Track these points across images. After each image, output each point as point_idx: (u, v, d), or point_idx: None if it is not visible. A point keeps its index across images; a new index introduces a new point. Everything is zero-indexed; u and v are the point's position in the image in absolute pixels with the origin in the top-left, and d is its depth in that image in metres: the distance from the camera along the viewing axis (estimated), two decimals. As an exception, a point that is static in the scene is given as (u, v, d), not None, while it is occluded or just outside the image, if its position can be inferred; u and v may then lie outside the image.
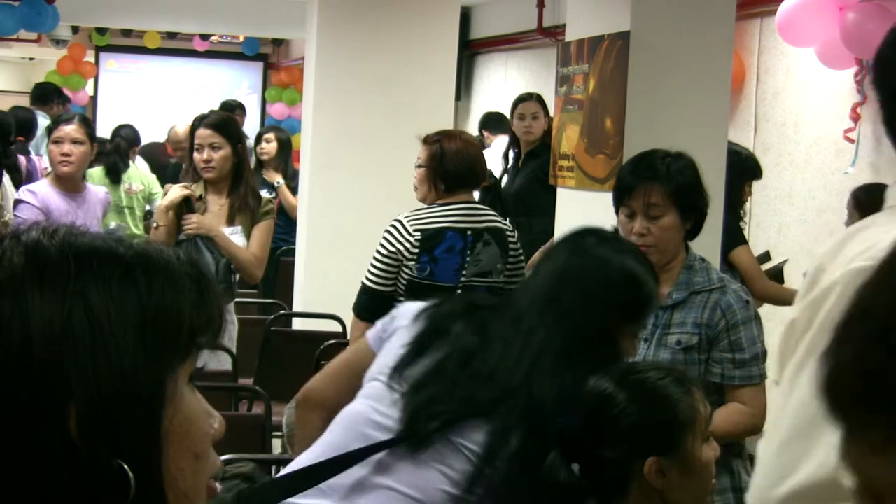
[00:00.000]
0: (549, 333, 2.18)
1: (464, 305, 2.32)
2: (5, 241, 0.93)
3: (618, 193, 3.06)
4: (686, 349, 2.96)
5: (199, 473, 0.97)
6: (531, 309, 2.22)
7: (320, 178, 6.39)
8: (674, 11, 4.15)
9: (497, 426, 2.11)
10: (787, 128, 6.13)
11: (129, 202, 6.94)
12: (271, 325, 5.37)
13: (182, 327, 0.95)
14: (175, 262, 0.97)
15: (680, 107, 4.14)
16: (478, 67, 10.65)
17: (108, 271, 0.93)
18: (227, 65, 14.79)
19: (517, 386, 2.13)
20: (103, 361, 0.89)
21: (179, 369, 0.95)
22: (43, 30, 10.23)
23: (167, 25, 12.82)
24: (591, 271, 2.24)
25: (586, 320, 2.19)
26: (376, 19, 6.42)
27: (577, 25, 4.50)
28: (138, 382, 0.91)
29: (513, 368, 2.15)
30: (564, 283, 2.24)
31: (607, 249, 2.30)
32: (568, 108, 4.51)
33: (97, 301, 0.91)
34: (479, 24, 10.24)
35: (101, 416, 0.89)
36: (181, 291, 0.96)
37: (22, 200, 5.17)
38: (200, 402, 0.99)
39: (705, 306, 2.98)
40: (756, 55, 6.40)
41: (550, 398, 2.10)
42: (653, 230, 2.97)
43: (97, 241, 0.95)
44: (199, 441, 0.97)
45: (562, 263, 2.28)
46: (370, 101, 6.31)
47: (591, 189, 4.27)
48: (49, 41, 13.31)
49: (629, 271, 2.27)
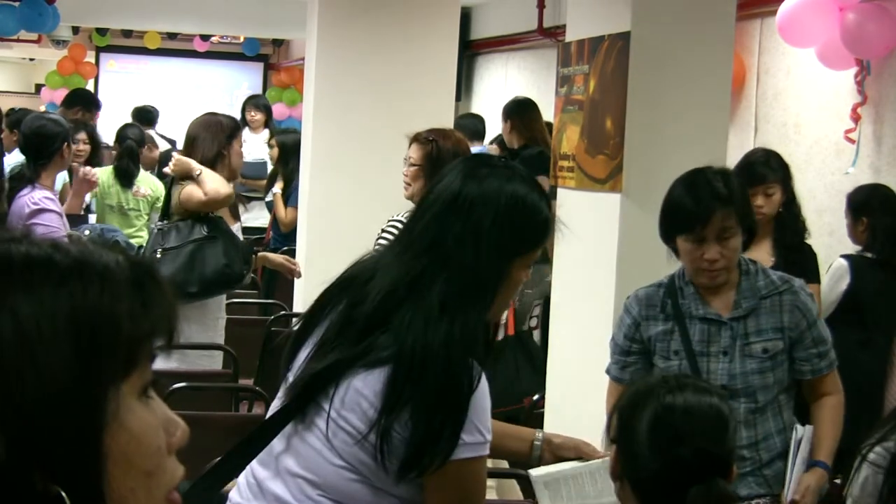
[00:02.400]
0: (432, 271, 2.08)
1: (357, 268, 2.23)
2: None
3: (684, 223, 2.96)
4: (773, 356, 3.02)
5: (153, 490, 0.91)
6: (415, 246, 2.13)
7: (320, 179, 6.39)
8: (674, 12, 4.14)
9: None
10: (788, 128, 6.13)
11: (135, 205, 6.89)
12: (271, 325, 5.37)
13: (120, 339, 0.88)
14: (115, 267, 0.91)
15: (680, 107, 4.14)
16: (478, 68, 10.65)
17: (41, 280, 0.87)
18: (227, 65, 14.79)
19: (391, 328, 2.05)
20: (32, 380, 0.83)
21: (123, 384, 0.89)
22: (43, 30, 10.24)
23: (167, 26, 12.83)
24: (481, 204, 2.11)
25: (476, 255, 2.08)
26: (376, 20, 6.42)
27: (578, 26, 4.50)
28: (72, 402, 0.85)
29: (384, 310, 2.07)
30: (454, 216, 2.11)
31: (497, 179, 2.15)
32: (568, 108, 4.50)
33: (27, 313, 0.85)
34: (480, 25, 10.24)
35: (33, 440, 0.83)
36: (118, 298, 0.89)
37: (45, 209, 4.85)
38: (155, 414, 0.93)
39: (782, 310, 3.02)
40: (756, 55, 6.39)
41: (430, 340, 2.02)
42: (725, 253, 2.94)
43: (33, 248, 0.90)
44: (151, 458, 0.91)
45: (450, 196, 2.14)
46: (370, 102, 6.31)
47: (591, 189, 4.27)
48: (49, 42, 13.31)
49: (521, 199, 2.14)
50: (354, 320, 2.10)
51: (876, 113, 5.51)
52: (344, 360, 2.06)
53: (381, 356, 2.04)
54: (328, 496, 2.09)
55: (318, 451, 2.09)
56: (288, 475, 2.12)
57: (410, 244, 2.15)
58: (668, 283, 3.09)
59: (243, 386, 4.66)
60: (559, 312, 4.54)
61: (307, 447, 2.11)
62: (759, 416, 3.05)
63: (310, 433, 2.10)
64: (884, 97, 5.46)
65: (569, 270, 4.44)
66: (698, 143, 4.14)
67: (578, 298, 4.34)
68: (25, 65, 19.14)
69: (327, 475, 2.09)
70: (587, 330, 4.17)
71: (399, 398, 2.01)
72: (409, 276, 2.09)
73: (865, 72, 5.51)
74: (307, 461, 2.11)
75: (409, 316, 2.05)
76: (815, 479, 3.07)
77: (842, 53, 5.41)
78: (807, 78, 5.98)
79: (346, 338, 2.09)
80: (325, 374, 2.08)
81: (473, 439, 2.02)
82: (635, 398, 2.06)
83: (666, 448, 1.97)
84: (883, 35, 5.25)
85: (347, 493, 2.08)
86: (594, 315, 4.15)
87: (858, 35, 5.23)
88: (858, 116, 5.52)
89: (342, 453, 2.07)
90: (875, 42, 5.27)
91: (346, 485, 2.07)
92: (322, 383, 2.08)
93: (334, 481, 2.08)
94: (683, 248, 2.97)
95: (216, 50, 14.37)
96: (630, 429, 2.03)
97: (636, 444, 2.01)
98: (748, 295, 3.01)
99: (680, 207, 2.99)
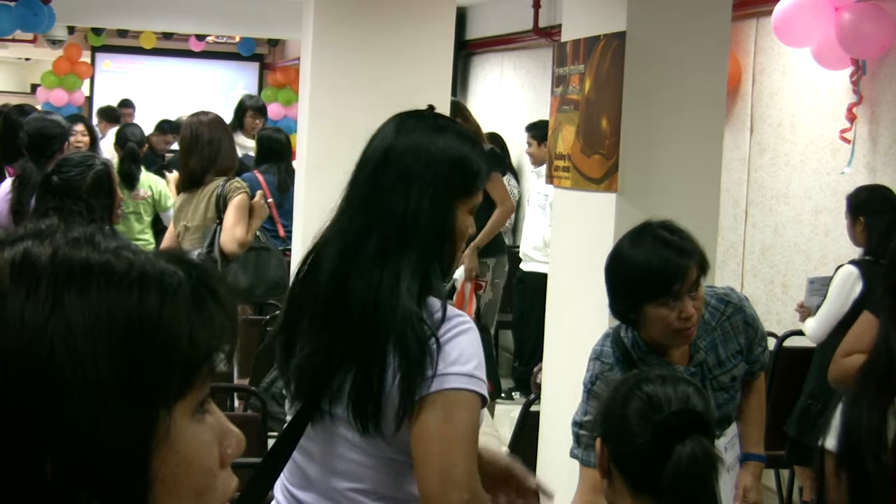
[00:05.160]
0: (368, 225, 2.11)
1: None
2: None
3: (661, 286, 2.71)
4: (736, 377, 2.97)
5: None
6: (353, 205, 2.17)
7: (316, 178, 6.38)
8: (670, 12, 4.15)
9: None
10: (784, 128, 6.13)
11: (135, 208, 6.85)
12: (267, 325, 5.37)
13: (176, 359, 0.84)
14: (175, 280, 0.86)
15: (676, 107, 4.14)
16: (474, 68, 10.65)
17: (98, 289, 0.83)
18: (223, 65, 14.79)
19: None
20: (80, 396, 0.80)
21: (176, 406, 0.85)
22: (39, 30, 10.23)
23: (163, 26, 12.82)
24: (411, 153, 2.14)
25: (407, 201, 2.10)
26: (372, 19, 6.42)
27: (574, 26, 4.50)
28: (122, 422, 0.81)
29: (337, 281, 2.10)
30: (385, 169, 2.15)
31: (425, 130, 2.19)
32: (564, 108, 4.50)
33: (80, 323, 0.81)
34: (476, 25, 10.24)
35: (79, 460, 0.80)
36: (177, 316, 0.85)
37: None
38: (209, 431, 0.89)
39: (735, 332, 2.94)
40: (752, 55, 6.40)
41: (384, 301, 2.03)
42: (697, 306, 2.74)
43: (94, 254, 0.85)
44: (201, 478, 0.88)
45: (381, 151, 2.18)
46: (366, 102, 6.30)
47: (586, 189, 4.27)
48: (45, 41, 13.31)
49: (450, 145, 2.17)
50: (319, 307, 2.12)
51: (871, 112, 5.51)
52: (325, 352, 2.08)
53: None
54: (383, 496, 2.09)
55: (352, 458, 2.09)
56: (337, 493, 2.11)
57: (349, 204, 2.19)
58: (621, 358, 2.85)
59: (239, 386, 4.66)
60: (554, 311, 4.54)
61: (341, 459, 2.11)
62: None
63: (335, 440, 2.11)
64: (879, 97, 5.47)
65: (564, 270, 4.45)
66: (694, 143, 4.14)
67: (574, 298, 4.35)
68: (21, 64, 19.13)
69: (373, 476, 2.08)
70: (583, 329, 4.17)
71: (354, 353, 2.04)
72: (351, 238, 2.12)
73: (861, 71, 5.51)
74: (347, 472, 2.10)
75: (358, 282, 2.07)
76: (752, 474, 3.08)
77: (837, 53, 5.41)
78: (802, 77, 5.99)
79: (318, 328, 2.10)
80: (320, 372, 2.08)
81: (446, 371, 2.00)
82: (614, 394, 2.16)
83: (650, 415, 2.06)
84: (878, 35, 5.26)
85: (394, 483, 2.07)
86: (590, 315, 4.15)
87: (854, 35, 5.24)
88: (854, 116, 5.52)
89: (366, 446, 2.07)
90: (871, 42, 5.28)
91: (389, 477, 2.07)
92: (320, 383, 2.09)
93: (381, 479, 2.08)
94: (654, 314, 2.72)
95: (212, 50, 14.38)
96: (614, 416, 2.13)
97: (622, 425, 2.10)
98: (701, 333, 2.87)
99: (648, 272, 2.71)
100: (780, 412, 4.78)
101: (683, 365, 2.86)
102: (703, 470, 2.07)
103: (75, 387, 0.80)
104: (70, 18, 11.96)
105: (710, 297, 2.92)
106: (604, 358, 2.87)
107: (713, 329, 2.92)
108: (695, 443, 2.06)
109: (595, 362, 2.89)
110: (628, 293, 2.76)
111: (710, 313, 2.91)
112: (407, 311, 2.01)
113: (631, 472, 2.12)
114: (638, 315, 2.75)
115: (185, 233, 5.18)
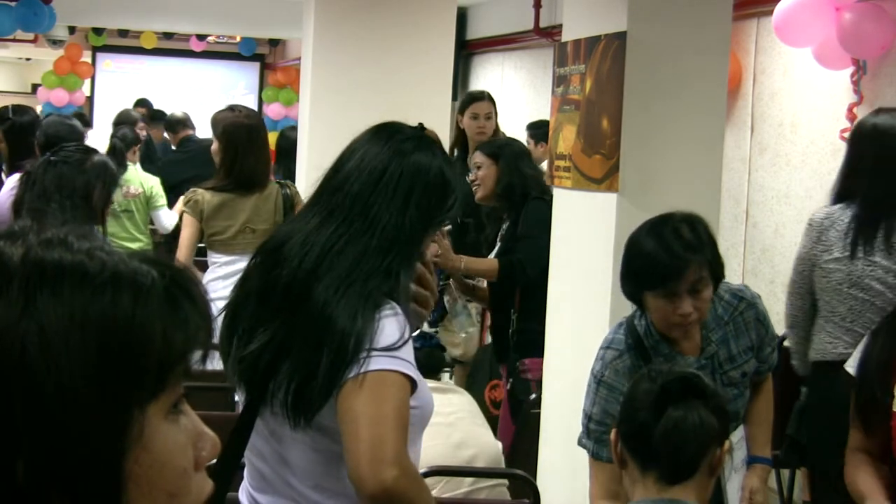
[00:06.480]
0: (354, 230, 2.13)
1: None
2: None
3: (657, 279, 2.74)
4: (747, 373, 2.98)
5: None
6: (342, 211, 2.18)
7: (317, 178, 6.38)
8: (670, 12, 4.14)
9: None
10: (784, 128, 6.13)
11: (126, 206, 6.81)
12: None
13: (150, 359, 0.84)
14: (148, 281, 0.86)
15: (677, 107, 4.14)
16: (474, 67, 10.65)
17: (71, 290, 0.82)
18: (223, 65, 14.79)
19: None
20: (53, 396, 0.79)
21: (149, 406, 0.85)
22: (40, 30, 10.23)
23: (164, 26, 12.82)
24: (411, 176, 2.19)
25: (399, 225, 2.14)
26: (373, 19, 6.42)
27: (574, 26, 4.50)
28: (95, 423, 0.81)
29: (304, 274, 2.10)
30: (383, 187, 2.18)
31: (425, 153, 2.25)
32: (564, 108, 4.50)
33: (53, 324, 0.80)
34: (476, 24, 10.24)
35: (51, 460, 0.80)
36: (151, 316, 0.84)
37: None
38: (183, 432, 0.89)
39: (747, 328, 2.95)
40: (753, 55, 6.40)
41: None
42: (698, 305, 2.75)
43: (66, 255, 0.84)
44: (175, 479, 0.87)
45: (380, 166, 2.21)
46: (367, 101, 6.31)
47: (587, 189, 4.27)
48: (46, 41, 13.30)
49: (444, 175, 2.22)
50: (273, 295, 2.11)
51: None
52: (270, 345, 2.07)
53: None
54: (335, 493, 2.08)
55: (301, 455, 2.09)
56: (294, 492, 2.10)
57: (336, 209, 2.19)
58: (633, 345, 2.87)
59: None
60: (555, 312, 4.54)
61: (290, 456, 2.10)
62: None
63: (282, 438, 2.10)
64: (880, 97, 5.46)
65: (565, 270, 4.44)
66: (695, 143, 4.14)
67: (574, 298, 4.34)
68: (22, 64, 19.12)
69: (322, 472, 2.08)
70: (583, 329, 4.17)
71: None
72: (322, 240, 2.13)
73: (861, 71, 5.51)
74: (299, 469, 2.09)
75: (319, 284, 2.07)
76: (758, 477, 3.09)
77: (838, 53, 5.41)
78: (803, 78, 5.99)
79: (267, 316, 2.10)
80: (265, 369, 2.08)
81: (371, 354, 2.00)
82: (630, 390, 2.27)
83: (653, 388, 2.17)
84: (879, 35, 5.25)
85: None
86: (590, 315, 4.15)
87: (855, 35, 5.24)
88: (854, 116, 5.52)
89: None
90: (871, 42, 5.27)
91: (341, 472, 2.04)
92: (265, 377, 2.08)
93: (331, 474, 2.07)
94: (654, 304, 2.77)
95: (212, 50, 14.38)
96: (626, 400, 2.24)
97: (631, 404, 2.21)
98: (713, 327, 2.89)
99: (651, 263, 2.75)
100: (780, 412, 4.77)
101: (695, 356, 2.88)
102: (694, 435, 2.08)
103: (47, 387, 0.79)
104: (71, 18, 11.96)
105: (723, 292, 2.94)
106: (615, 345, 2.89)
107: (725, 323, 2.93)
108: (689, 408, 2.10)
109: (605, 351, 2.91)
110: (628, 278, 2.84)
111: (723, 308, 2.93)
112: (354, 311, 2.02)
113: (638, 449, 2.15)
114: (639, 299, 2.83)
115: (243, 235, 4.98)
